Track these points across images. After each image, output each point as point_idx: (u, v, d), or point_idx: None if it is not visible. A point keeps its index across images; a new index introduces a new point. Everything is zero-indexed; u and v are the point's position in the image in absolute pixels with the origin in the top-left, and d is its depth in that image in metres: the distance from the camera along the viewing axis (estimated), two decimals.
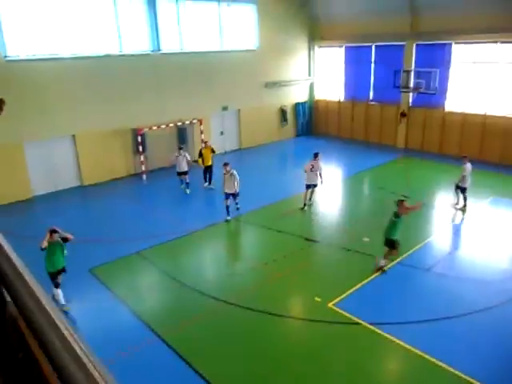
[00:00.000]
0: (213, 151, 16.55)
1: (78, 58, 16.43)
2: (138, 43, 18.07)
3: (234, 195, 13.60)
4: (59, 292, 8.99)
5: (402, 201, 10.15)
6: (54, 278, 8.94)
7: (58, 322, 0.76)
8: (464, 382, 6.91)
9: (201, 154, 16.39)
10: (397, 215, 9.98)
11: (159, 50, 18.54)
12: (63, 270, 9.09)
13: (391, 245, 10.14)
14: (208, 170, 16.52)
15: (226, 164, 13.53)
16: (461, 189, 13.94)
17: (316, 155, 14.52)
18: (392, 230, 10.07)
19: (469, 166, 13.77)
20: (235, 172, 13.38)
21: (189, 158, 16.06)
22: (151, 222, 13.85)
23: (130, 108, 18.06)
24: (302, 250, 11.87)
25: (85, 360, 0.67)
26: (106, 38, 17.11)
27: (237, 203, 13.87)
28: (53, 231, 8.82)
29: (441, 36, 19.59)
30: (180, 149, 16.15)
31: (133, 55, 17.87)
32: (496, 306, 8.95)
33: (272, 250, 11.99)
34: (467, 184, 13.80)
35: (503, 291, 9.44)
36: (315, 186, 14.73)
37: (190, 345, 8.12)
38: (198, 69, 20.00)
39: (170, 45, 18.97)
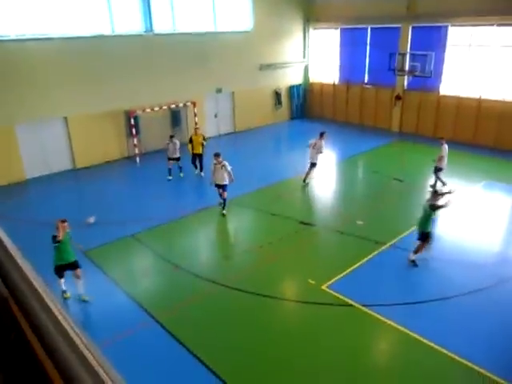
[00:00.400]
0: (204, 139, 15.94)
1: (70, 38, 16.13)
2: (130, 24, 17.75)
3: (223, 187, 12.77)
4: (62, 281, 8.79)
5: (437, 192, 9.86)
6: (62, 271, 8.66)
7: (50, 304, 0.74)
8: (455, 362, 7.05)
9: (191, 141, 15.95)
10: (433, 207, 9.68)
11: (152, 30, 18.24)
12: (75, 264, 8.74)
13: (426, 237, 9.89)
14: (198, 157, 16.02)
15: (217, 155, 12.75)
16: (437, 169, 14.19)
17: (321, 134, 14.82)
18: (428, 223, 9.83)
19: (446, 146, 14.05)
20: (227, 163, 12.63)
21: (178, 146, 15.61)
22: (145, 205, 13.82)
23: (122, 90, 17.84)
24: (296, 233, 11.91)
25: (77, 342, 0.66)
26: (97, 18, 16.79)
27: (225, 199, 12.88)
28: (63, 220, 8.52)
29: (437, 18, 19.40)
30: (171, 137, 15.76)
31: (125, 36, 17.56)
32: (487, 288, 9.08)
33: (267, 233, 12.04)
34: (444, 165, 14.08)
35: (495, 274, 9.56)
36: (313, 164, 14.93)
37: (185, 326, 8.18)
38: (192, 50, 19.73)
39: (163, 25, 18.66)
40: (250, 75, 22.62)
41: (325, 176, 16.28)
